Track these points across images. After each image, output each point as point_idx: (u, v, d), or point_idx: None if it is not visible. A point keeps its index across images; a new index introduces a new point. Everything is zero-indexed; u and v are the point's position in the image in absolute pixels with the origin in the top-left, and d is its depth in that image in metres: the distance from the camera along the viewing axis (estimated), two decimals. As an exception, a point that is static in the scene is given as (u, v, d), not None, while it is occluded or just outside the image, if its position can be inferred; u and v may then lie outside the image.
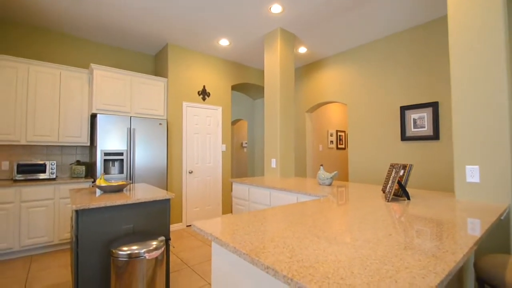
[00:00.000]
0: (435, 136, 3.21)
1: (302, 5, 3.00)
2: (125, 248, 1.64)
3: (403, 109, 3.51)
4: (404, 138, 3.50)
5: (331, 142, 5.84)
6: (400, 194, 1.84)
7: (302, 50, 4.27)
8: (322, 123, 5.69)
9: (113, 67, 3.94)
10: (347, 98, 4.24)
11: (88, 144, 3.55)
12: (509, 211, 1.64)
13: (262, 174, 6.15)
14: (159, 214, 2.05)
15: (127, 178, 3.48)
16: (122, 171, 3.44)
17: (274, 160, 3.52)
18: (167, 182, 3.92)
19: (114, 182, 2.20)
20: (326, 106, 5.75)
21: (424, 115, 3.34)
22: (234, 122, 6.88)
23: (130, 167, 3.51)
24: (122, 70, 3.63)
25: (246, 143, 7.20)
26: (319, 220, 1.25)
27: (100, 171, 3.26)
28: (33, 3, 2.96)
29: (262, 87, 5.38)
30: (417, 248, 0.88)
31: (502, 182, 1.66)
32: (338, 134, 6.03)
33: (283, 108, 3.54)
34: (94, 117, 3.53)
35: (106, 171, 3.32)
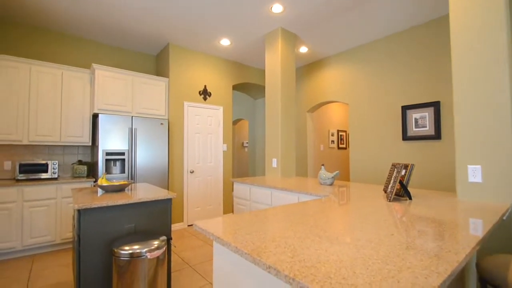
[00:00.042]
0: (437, 135, 3.20)
1: (302, 5, 3.00)
2: (127, 247, 1.64)
3: (405, 108, 3.51)
4: (405, 137, 3.49)
5: (332, 141, 5.83)
6: (401, 194, 1.83)
7: (303, 49, 4.27)
8: (323, 123, 5.68)
9: (114, 67, 3.95)
10: (348, 98, 4.23)
11: (89, 144, 3.56)
12: (511, 211, 1.63)
13: (263, 174, 6.15)
14: (161, 213, 2.05)
15: (129, 178, 3.49)
16: (123, 171, 3.45)
17: (275, 159, 3.52)
18: (169, 181, 3.93)
19: (115, 182, 2.21)
20: (327, 105, 5.74)
21: (425, 115, 3.33)
22: (235, 122, 6.88)
23: (132, 167, 3.52)
24: (124, 70, 3.63)
25: (247, 143, 7.20)
26: (321, 220, 1.25)
27: (101, 171, 3.27)
28: (33, 3, 2.97)
29: (263, 87, 5.38)
30: (419, 248, 0.88)
31: (504, 181, 1.65)
32: (339, 133, 6.02)
33: (284, 107, 3.53)
34: (95, 117, 3.53)
35: (107, 171, 3.33)
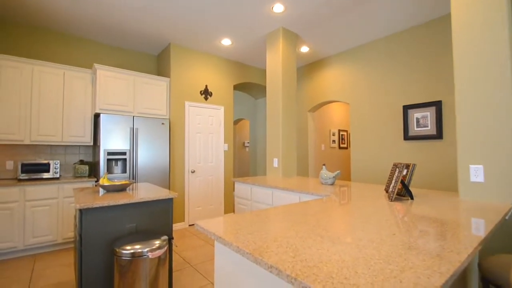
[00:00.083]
0: (439, 135, 3.19)
1: (304, 4, 2.99)
2: (128, 247, 1.65)
3: (406, 108, 3.50)
4: (407, 137, 3.48)
5: (333, 141, 5.82)
6: (403, 193, 1.83)
7: (304, 49, 4.26)
8: (324, 123, 5.67)
9: (116, 67, 3.95)
10: (350, 97, 4.23)
11: (91, 143, 3.57)
12: (514, 211, 1.62)
13: (264, 174, 6.15)
14: (162, 213, 2.05)
15: (130, 178, 3.50)
16: (125, 171, 3.46)
17: (276, 159, 3.51)
18: (170, 181, 3.94)
19: (117, 182, 2.22)
20: (328, 105, 5.74)
21: (427, 114, 3.32)
22: (236, 122, 6.88)
23: (133, 167, 3.53)
24: (125, 70, 3.64)
25: (248, 143, 7.20)
26: (322, 219, 1.25)
27: (103, 171, 3.28)
28: (33, 3, 2.97)
29: (264, 87, 5.38)
30: (421, 248, 0.87)
31: (506, 181, 1.65)
32: (340, 133, 6.02)
33: (285, 107, 3.53)
34: (97, 116, 3.54)
35: (109, 171, 3.34)
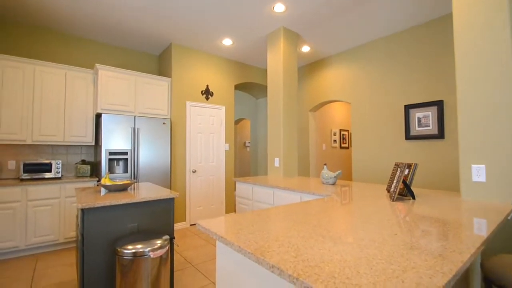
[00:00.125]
0: (440, 135, 3.18)
1: (304, 4, 2.99)
2: (130, 246, 1.65)
3: (408, 107, 3.49)
4: (408, 137, 3.47)
5: (335, 141, 5.82)
6: (405, 193, 1.82)
7: (305, 49, 4.26)
8: (326, 122, 5.66)
9: (117, 67, 3.96)
10: (351, 97, 4.22)
11: (93, 143, 3.58)
12: (516, 211, 1.61)
13: (265, 174, 6.15)
14: (163, 213, 2.06)
15: (132, 177, 3.51)
16: (126, 170, 3.47)
17: (277, 159, 3.51)
18: (171, 181, 3.94)
19: (118, 181, 2.22)
20: (329, 105, 5.73)
21: (428, 114, 3.31)
22: (237, 122, 6.88)
23: (135, 166, 3.54)
24: (127, 70, 3.65)
25: (249, 143, 7.20)
26: (324, 219, 1.25)
27: (105, 170, 3.29)
28: (33, 2, 2.97)
29: (265, 86, 5.37)
30: (423, 248, 0.87)
31: (508, 181, 1.64)
32: (342, 133, 6.01)
33: (286, 107, 3.53)
34: (99, 116, 3.55)
35: (110, 170, 3.35)
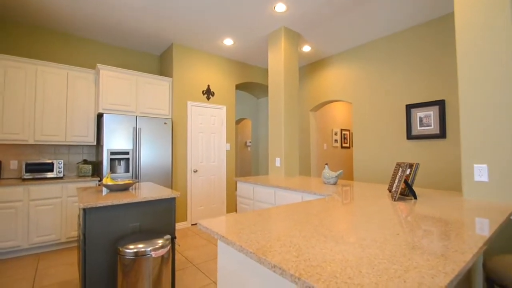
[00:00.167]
0: (442, 134, 3.17)
1: (305, 4, 2.98)
2: (131, 246, 1.66)
3: (409, 107, 3.48)
4: (410, 136, 3.46)
5: (336, 141, 5.81)
6: (406, 193, 1.82)
7: (306, 48, 4.25)
8: (327, 122, 5.66)
9: (118, 67, 3.97)
10: (352, 97, 4.21)
11: (94, 143, 3.59)
12: (518, 211, 1.61)
13: (266, 173, 6.15)
14: (165, 212, 2.06)
15: (133, 177, 3.52)
16: (128, 170, 3.48)
17: (278, 159, 3.51)
18: (172, 181, 3.95)
19: (120, 181, 2.23)
20: (330, 104, 5.72)
21: (430, 114, 3.30)
22: (238, 121, 6.89)
23: (136, 166, 3.54)
24: (128, 70, 3.66)
25: (250, 142, 7.20)
26: (325, 219, 1.25)
27: (106, 170, 3.30)
28: (33, 2, 2.97)
29: (266, 86, 5.37)
30: (425, 247, 0.87)
31: (511, 181, 1.63)
32: (343, 133, 6.00)
33: (287, 107, 3.53)
34: (100, 116, 3.56)
35: (112, 170, 3.36)
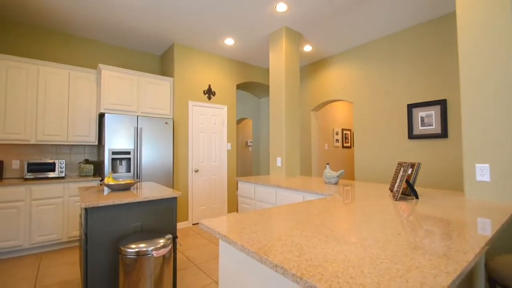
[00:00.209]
0: (444, 134, 3.16)
1: (306, 4, 2.98)
2: (133, 245, 1.66)
3: (410, 107, 3.47)
4: (411, 136, 3.45)
5: (337, 140, 5.80)
6: (408, 193, 1.82)
7: (307, 48, 4.25)
8: (328, 122, 5.65)
9: (120, 67, 3.98)
10: (353, 96, 4.20)
11: (96, 143, 3.60)
12: (521, 211, 1.60)
13: (267, 173, 6.15)
14: (166, 212, 2.06)
15: (134, 177, 3.52)
16: (129, 170, 3.48)
17: (279, 158, 3.51)
18: (173, 180, 3.96)
19: (121, 181, 2.23)
20: (331, 104, 5.71)
21: (432, 113, 3.29)
22: (239, 121, 6.89)
23: (137, 166, 3.55)
24: (129, 70, 3.66)
25: (251, 142, 7.21)
26: (327, 219, 1.25)
27: (108, 170, 3.30)
28: (33, 2, 2.97)
29: (267, 86, 5.37)
30: (427, 247, 0.87)
31: (513, 181, 1.63)
32: (344, 132, 5.99)
33: (289, 106, 3.52)
34: (102, 116, 3.57)
35: (113, 170, 3.37)
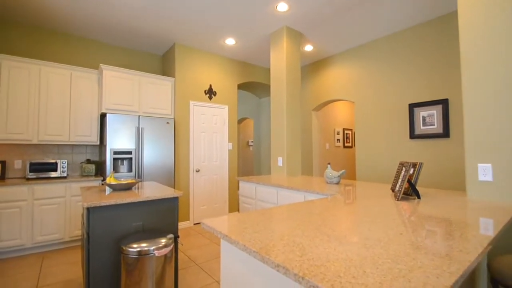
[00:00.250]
0: (445, 133, 3.15)
1: (307, 3, 2.98)
2: (135, 245, 1.66)
3: (412, 106, 3.46)
4: (413, 136, 3.44)
5: (338, 140, 5.79)
6: (410, 193, 1.81)
7: (308, 48, 4.24)
8: (329, 122, 5.64)
9: (121, 67, 3.98)
10: (354, 96, 4.20)
11: (98, 143, 3.61)
12: (523, 211, 1.59)
13: (267, 173, 6.15)
14: (168, 212, 2.07)
15: (136, 177, 3.53)
16: (131, 170, 3.49)
17: (280, 158, 3.51)
18: (175, 180, 3.96)
19: (123, 180, 2.24)
20: (332, 104, 5.70)
21: (433, 113, 3.28)
22: (240, 121, 6.89)
23: (139, 166, 3.56)
24: (131, 70, 3.67)
25: (252, 142, 7.21)
26: (328, 219, 1.25)
27: (109, 170, 3.31)
28: (33, 2, 2.97)
29: (268, 86, 5.37)
30: (429, 247, 0.87)
31: (516, 181, 1.62)
32: (345, 132, 5.98)
33: (290, 106, 3.52)
34: (103, 116, 3.58)
35: (115, 170, 3.37)
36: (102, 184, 3.37)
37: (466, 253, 0.82)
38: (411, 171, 1.84)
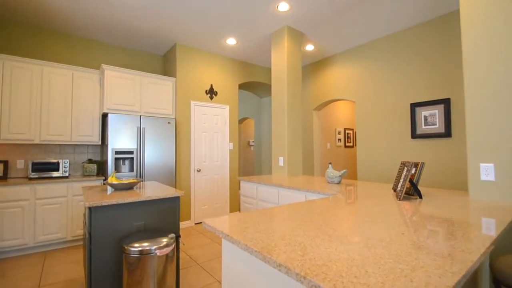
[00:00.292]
0: (447, 133, 3.14)
1: (308, 3, 2.97)
2: (136, 244, 1.67)
3: (414, 106, 3.45)
4: (414, 135, 3.43)
5: (339, 140, 5.79)
6: (411, 192, 1.81)
7: (309, 47, 4.24)
8: (330, 121, 5.64)
9: (122, 67, 3.99)
10: (355, 96, 4.19)
11: (99, 143, 3.62)
12: (526, 211, 1.59)
13: (268, 173, 6.15)
14: (169, 211, 2.07)
15: (137, 176, 3.54)
16: (132, 169, 3.50)
17: (281, 158, 3.51)
18: (176, 180, 3.97)
19: (125, 180, 2.24)
20: (333, 104, 5.70)
21: (435, 112, 3.27)
22: (241, 121, 6.89)
23: (140, 165, 3.57)
24: (132, 70, 3.68)
25: (253, 142, 7.21)
26: (330, 218, 1.25)
27: (111, 169, 3.32)
28: (33, 2, 2.98)
29: (269, 85, 5.37)
30: (431, 247, 0.86)
31: (518, 180, 1.61)
32: (346, 132, 5.97)
33: (291, 106, 3.52)
34: (105, 116, 3.59)
35: (117, 169, 3.38)
36: (104, 183, 3.37)
37: (468, 253, 0.81)
38: (413, 171, 1.84)
